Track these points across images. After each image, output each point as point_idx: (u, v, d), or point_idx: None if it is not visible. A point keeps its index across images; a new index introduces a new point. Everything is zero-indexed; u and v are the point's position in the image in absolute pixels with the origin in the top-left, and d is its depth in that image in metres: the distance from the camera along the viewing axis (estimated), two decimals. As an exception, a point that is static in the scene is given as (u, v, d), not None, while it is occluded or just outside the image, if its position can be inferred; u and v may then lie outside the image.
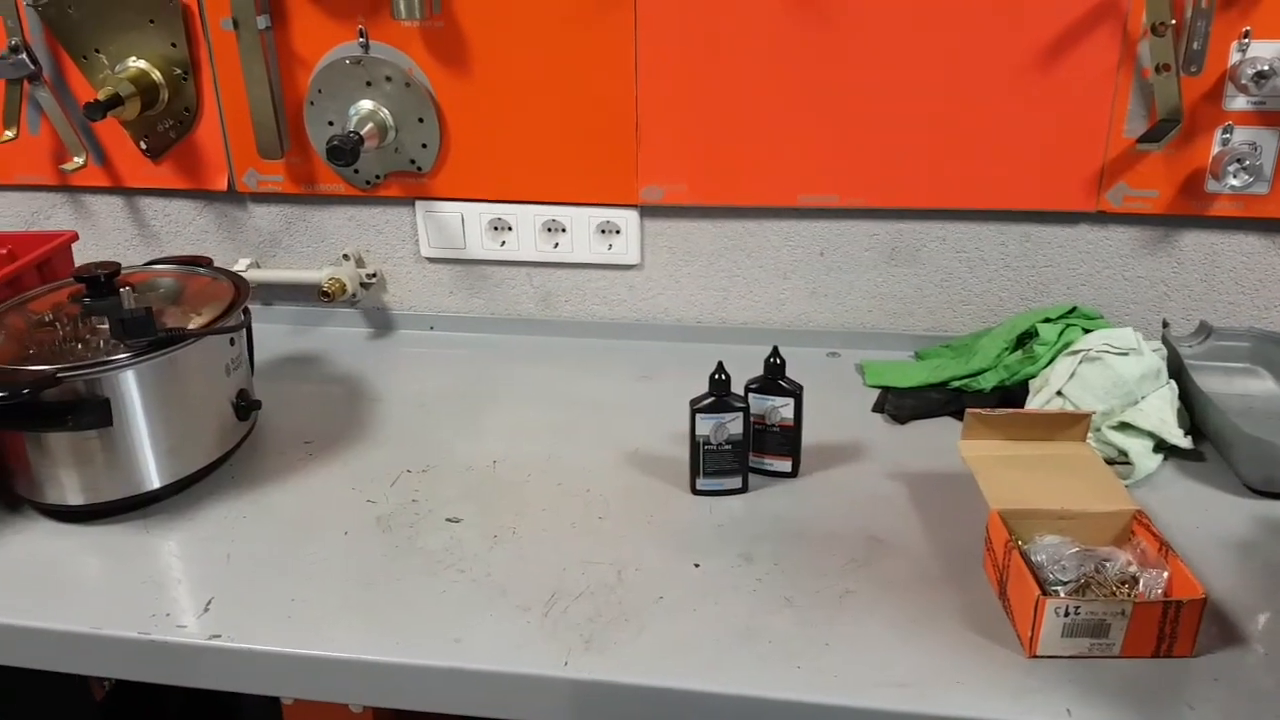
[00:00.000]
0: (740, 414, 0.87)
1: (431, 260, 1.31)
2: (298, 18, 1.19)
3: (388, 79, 1.19)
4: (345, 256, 1.32)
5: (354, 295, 1.31)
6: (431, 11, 1.14)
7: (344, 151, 1.13)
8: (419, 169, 1.24)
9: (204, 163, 1.29)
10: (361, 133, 1.17)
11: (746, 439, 0.89)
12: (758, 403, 0.89)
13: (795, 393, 0.89)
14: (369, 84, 1.19)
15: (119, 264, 0.98)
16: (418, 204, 1.27)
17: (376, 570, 0.84)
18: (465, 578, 0.82)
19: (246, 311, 1.02)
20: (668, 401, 1.10)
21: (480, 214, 1.27)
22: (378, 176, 1.26)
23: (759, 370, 0.92)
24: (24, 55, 1.23)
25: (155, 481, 0.93)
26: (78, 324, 0.96)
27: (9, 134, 1.27)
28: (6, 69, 1.23)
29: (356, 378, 1.21)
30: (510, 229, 1.27)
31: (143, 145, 1.29)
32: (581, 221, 1.24)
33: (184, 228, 1.35)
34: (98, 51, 1.24)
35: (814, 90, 1.12)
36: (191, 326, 0.95)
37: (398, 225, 1.30)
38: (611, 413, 1.09)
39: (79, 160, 1.28)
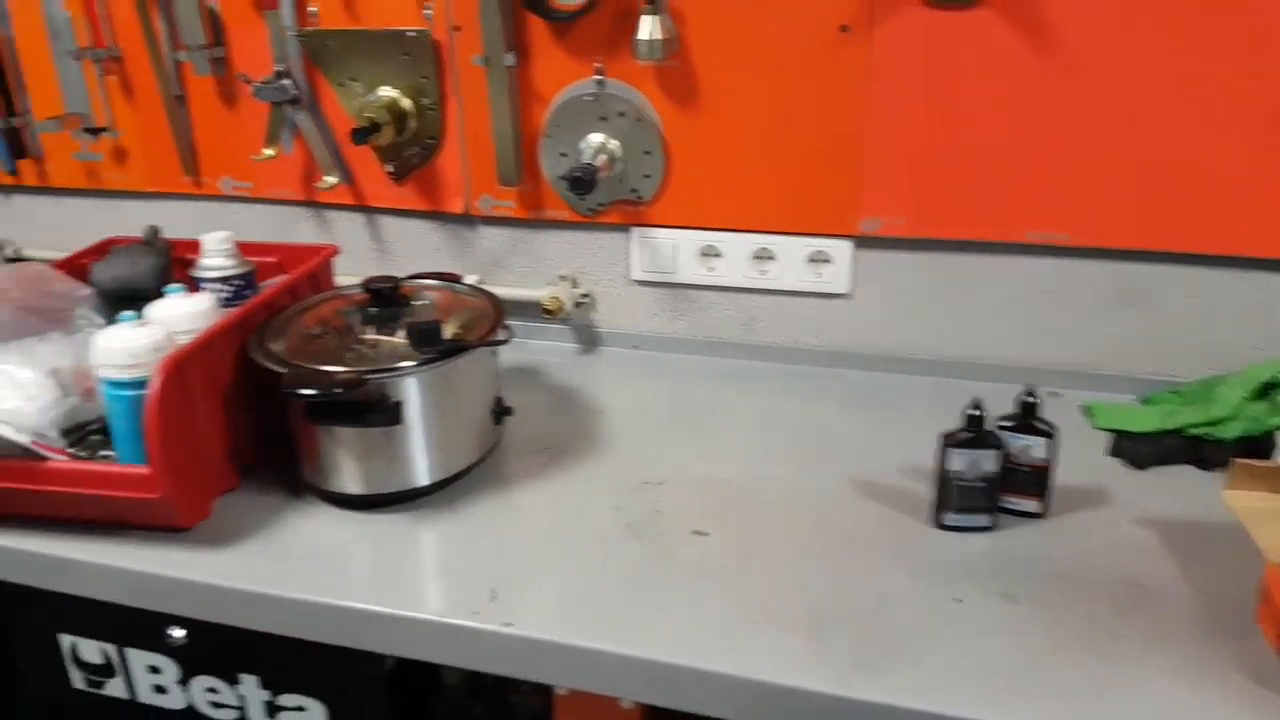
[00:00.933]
0: (996, 451, 0.91)
1: (640, 283, 1.39)
2: (540, 56, 1.28)
3: (620, 114, 1.27)
4: (562, 277, 1.41)
5: (567, 313, 1.40)
6: (669, 52, 1.21)
7: (585, 182, 1.21)
8: (640, 198, 1.32)
9: (442, 187, 1.40)
10: (596, 164, 1.25)
11: (1000, 476, 0.92)
12: (1010, 440, 0.93)
13: (1050, 433, 0.93)
14: (602, 119, 1.28)
15: (398, 277, 1.09)
16: (634, 230, 1.35)
17: (639, 574, 0.91)
18: (726, 591, 0.88)
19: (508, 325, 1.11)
20: (884, 431, 1.15)
21: (692, 240, 1.34)
22: (600, 204, 1.34)
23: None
24: (288, 81, 1.35)
25: (425, 478, 1.03)
26: (348, 330, 1.06)
27: (269, 152, 1.40)
28: (271, 93, 1.36)
29: (575, 390, 1.29)
30: (719, 255, 1.33)
31: (389, 168, 1.40)
32: (792, 250, 1.30)
33: (417, 244, 1.46)
34: (354, 80, 1.35)
35: (1052, 128, 1.15)
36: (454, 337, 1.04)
37: (612, 249, 1.38)
38: (829, 440, 1.15)
39: (331, 179, 1.40)
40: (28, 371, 1.03)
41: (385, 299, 1.08)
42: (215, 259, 1.12)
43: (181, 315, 1.02)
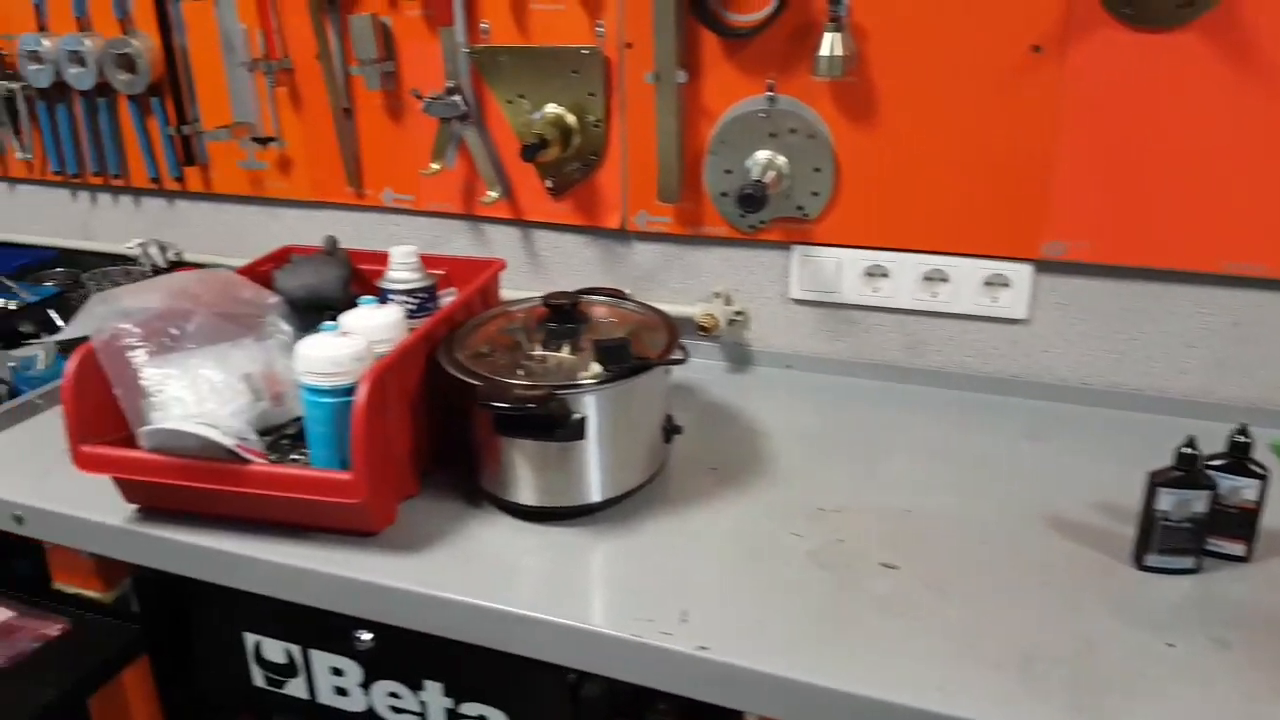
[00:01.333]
0: (1208, 492, 0.88)
1: (799, 302, 1.38)
2: (711, 72, 1.28)
3: (791, 131, 1.26)
4: (716, 294, 1.40)
5: (721, 331, 1.39)
6: (849, 69, 1.20)
7: (756, 199, 1.21)
8: (805, 215, 1.31)
9: (600, 202, 1.41)
10: (766, 181, 1.24)
11: (1208, 518, 0.89)
12: (1220, 481, 0.89)
13: (1264, 475, 0.89)
14: (772, 135, 1.27)
15: (578, 294, 1.09)
16: (795, 248, 1.34)
17: (830, 605, 0.90)
18: (925, 626, 0.86)
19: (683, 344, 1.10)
20: (1065, 464, 1.12)
21: (858, 260, 1.32)
22: (762, 221, 1.34)
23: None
24: (458, 96, 1.38)
25: (598, 494, 1.03)
26: (517, 345, 1.07)
27: (435, 167, 1.43)
28: (442, 108, 1.39)
29: (734, 408, 1.28)
30: (886, 275, 1.31)
31: (548, 184, 1.42)
32: (967, 272, 1.27)
33: (569, 259, 1.47)
34: (521, 96, 1.37)
35: (1254, 155, 1.11)
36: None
37: (769, 267, 1.37)
38: (1007, 471, 1.11)
39: (493, 194, 1.42)
40: (221, 375, 1.07)
41: (564, 314, 1.08)
42: (402, 272, 1.15)
43: (376, 326, 1.04)
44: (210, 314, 1.09)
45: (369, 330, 1.03)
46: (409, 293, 1.15)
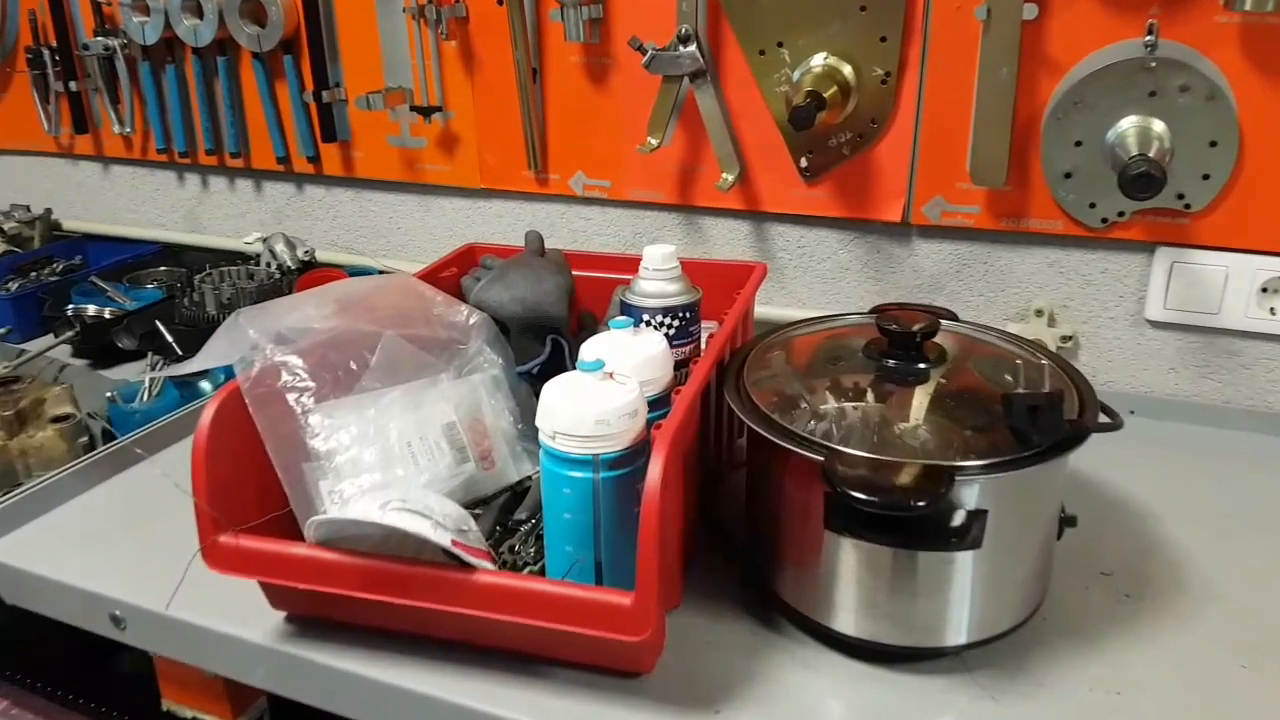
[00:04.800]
0: None
1: (1158, 325, 1.00)
2: (1064, 8, 0.92)
3: (1182, 89, 0.89)
4: (1038, 311, 1.04)
5: (1037, 361, 1.03)
6: (1286, 0, 0.83)
7: (1156, 181, 0.84)
8: (1186, 206, 0.94)
9: (875, 187, 1.05)
10: (1150, 154, 0.88)
11: None
12: None
13: None
14: (1152, 94, 0.90)
15: (937, 318, 0.74)
16: (1161, 251, 0.97)
17: None
18: None
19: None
20: None
21: (1254, 270, 0.95)
22: (1121, 214, 0.97)
23: None
24: (693, 47, 1.04)
25: (961, 637, 0.67)
26: (828, 391, 0.72)
27: (653, 142, 1.09)
28: (668, 63, 1.05)
29: (1090, 475, 0.91)
30: (1291, 294, 0.94)
31: (803, 163, 1.06)
32: None
33: (819, 264, 1.12)
34: (780, 46, 1.02)
35: None
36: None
37: (1120, 276, 1.00)
38: None
39: (729, 177, 1.08)
40: (416, 428, 0.74)
41: (908, 345, 0.73)
42: (657, 282, 0.80)
43: (641, 362, 0.70)
44: (397, 339, 0.76)
45: (635, 368, 0.69)
46: (667, 312, 0.80)
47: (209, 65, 1.33)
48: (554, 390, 0.65)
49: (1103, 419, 0.69)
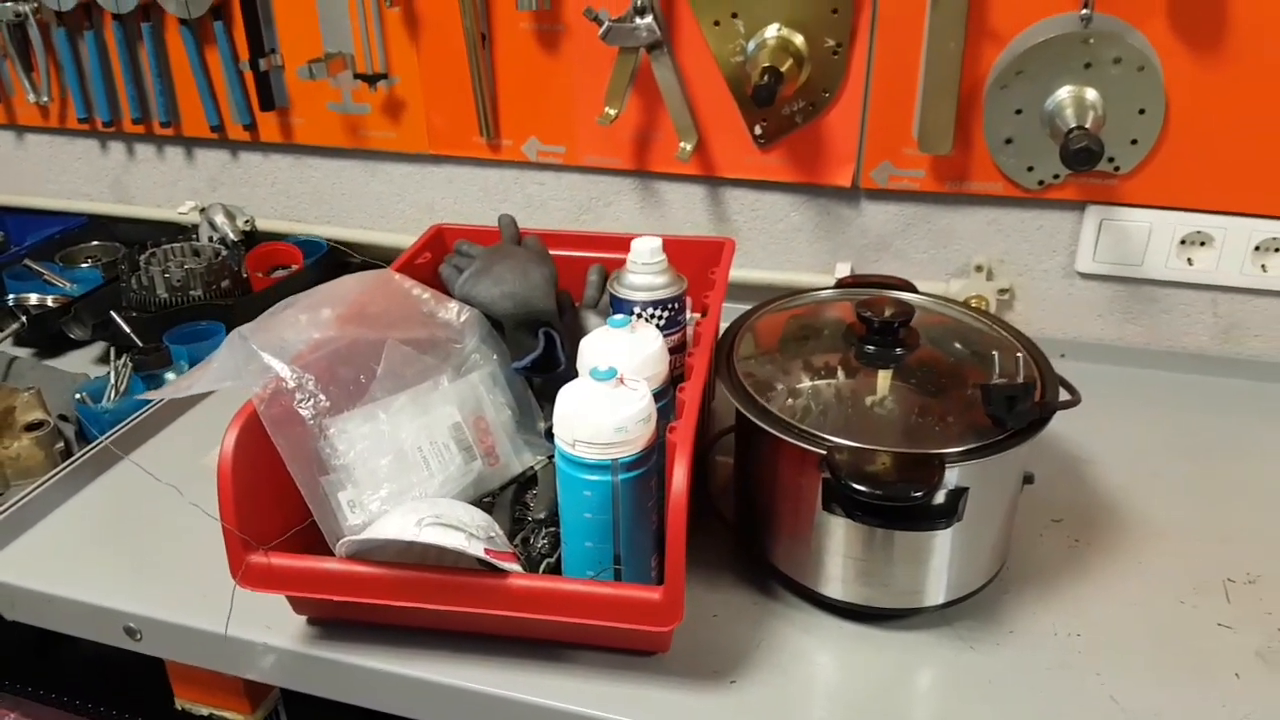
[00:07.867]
0: None
1: (1087, 276, 1.09)
2: (1006, -18, 0.96)
3: (1115, 61, 0.95)
4: (977, 267, 1.11)
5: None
6: (1214, -22, 0.89)
7: (1094, 154, 0.90)
8: (1116, 169, 1.01)
9: (825, 153, 1.09)
10: (1087, 126, 0.94)
11: None
12: None
13: None
14: (1088, 65, 0.96)
15: (901, 290, 0.80)
16: (1091, 209, 1.05)
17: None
18: None
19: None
20: None
21: (1174, 225, 1.03)
22: (1055, 176, 1.03)
23: None
24: (649, 18, 1.05)
25: (949, 589, 0.75)
26: (803, 373, 0.78)
27: (611, 112, 1.10)
28: (625, 35, 1.06)
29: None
30: (1204, 244, 1.03)
31: (757, 130, 1.10)
32: (1326, 244, 0.99)
33: (771, 225, 1.16)
34: (735, 16, 1.04)
35: None
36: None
37: (1053, 233, 1.08)
38: None
39: (688, 146, 1.10)
40: (426, 433, 0.77)
41: (885, 331, 0.79)
42: (645, 276, 0.83)
43: (642, 361, 0.74)
44: (399, 345, 0.78)
45: (638, 368, 0.73)
46: (657, 305, 0.83)
47: (132, 31, 1.27)
48: (571, 399, 0.68)
49: (1064, 395, 0.76)
